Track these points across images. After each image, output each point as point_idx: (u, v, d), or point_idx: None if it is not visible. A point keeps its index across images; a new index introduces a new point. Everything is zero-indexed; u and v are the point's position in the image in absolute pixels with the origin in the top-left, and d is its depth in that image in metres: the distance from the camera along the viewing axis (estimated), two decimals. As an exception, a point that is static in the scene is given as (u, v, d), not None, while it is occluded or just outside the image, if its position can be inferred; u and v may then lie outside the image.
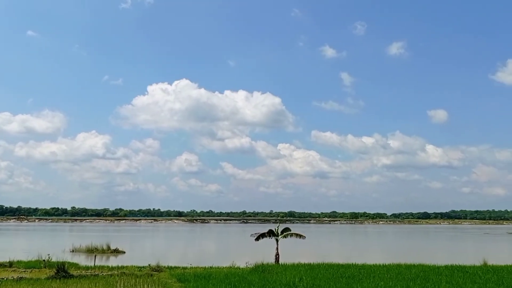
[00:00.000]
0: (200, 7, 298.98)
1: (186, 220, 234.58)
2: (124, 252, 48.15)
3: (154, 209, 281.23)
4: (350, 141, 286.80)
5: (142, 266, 29.22)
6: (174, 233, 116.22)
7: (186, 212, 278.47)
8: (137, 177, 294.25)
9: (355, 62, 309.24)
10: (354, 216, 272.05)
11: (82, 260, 37.70)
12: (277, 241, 32.78)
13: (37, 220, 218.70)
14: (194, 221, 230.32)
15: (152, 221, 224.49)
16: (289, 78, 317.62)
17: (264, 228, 36.64)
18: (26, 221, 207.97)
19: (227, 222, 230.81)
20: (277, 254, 31.95)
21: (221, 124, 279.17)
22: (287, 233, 33.13)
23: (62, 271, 23.31)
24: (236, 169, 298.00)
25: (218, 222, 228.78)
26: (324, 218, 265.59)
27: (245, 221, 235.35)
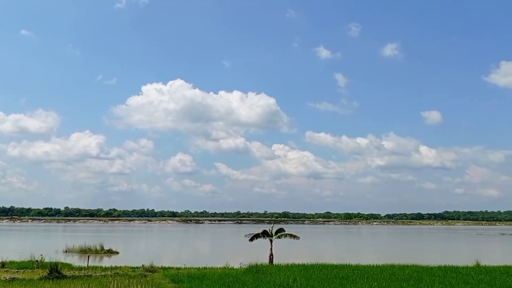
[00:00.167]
0: (195, 8, 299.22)
1: (180, 220, 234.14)
2: (117, 252, 47.97)
3: (148, 209, 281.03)
4: (344, 142, 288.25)
5: (136, 267, 29.13)
6: (168, 233, 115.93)
7: (180, 212, 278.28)
8: (131, 177, 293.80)
9: (350, 63, 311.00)
10: (348, 216, 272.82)
11: (75, 260, 37.53)
12: (271, 241, 32.80)
13: (30, 220, 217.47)
14: (188, 221, 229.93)
15: (146, 221, 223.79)
16: (283, 79, 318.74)
17: (258, 228, 36.65)
18: (19, 221, 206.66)
19: (221, 222, 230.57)
20: (271, 255, 31.97)
21: (215, 124, 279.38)
22: (281, 233, 33.16)
23: (55, 272, 23.20)
24: (230, 169, 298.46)
25: (212, 222, 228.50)
26: (318, 219, 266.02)
27: (239, 221, 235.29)
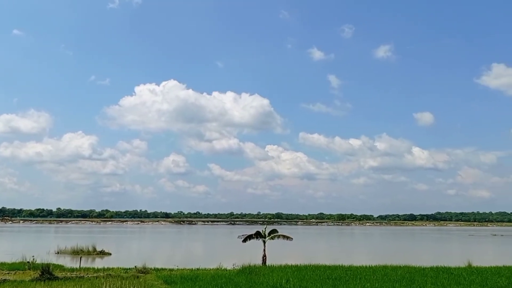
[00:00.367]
0: (188, 8, 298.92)
1: (173, 221, 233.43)
2: (110, 253, 47.72)
3: (141, 210, 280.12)
4: (337, 143, 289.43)
5: (128, 268, 28.99)
6: (161, 234, 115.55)
7: (173, 213, 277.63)
8: (124, 178, 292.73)
9: (343, 64, 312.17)
10: (341, 217, 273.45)
11: (67, 262, 37.27)
12: (264, 242, 32.80)
13: (21, 221, 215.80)
14: (181, 222, 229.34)
15: (138, 222, 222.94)
16: (277, 80, 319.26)
17: (251, 229, 36.65)
18: (10, 222, 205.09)
19: (215, 223, 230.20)
20: (264, 256, 31.97)
21: (209, 125, 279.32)
22: (275, 234, 33.17)
23: (46, 273, 23.04)
24: (223, 170, 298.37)
25: (206, 223, 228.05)
26: (311, 220, 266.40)
27: (232, 222, 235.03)
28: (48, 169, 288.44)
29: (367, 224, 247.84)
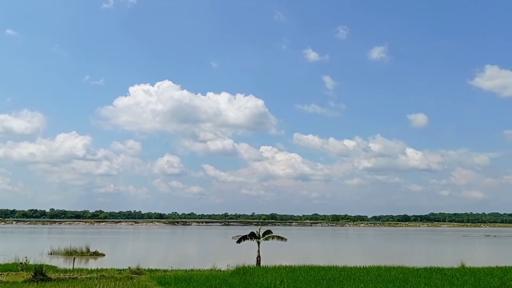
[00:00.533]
0: (183, 9, 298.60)
1: (167, 222, 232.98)
2: (103, 254, 47.55)
3: (135, 211, 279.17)
4: (331, 144, 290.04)
5: (122, 269, 28.91)
6: (155, 235, 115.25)
7: (167, 214, 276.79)
8: (118, 178, 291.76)
9: (337, 65, 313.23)
10: (336, 218, 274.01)
11: (60, 263, 37.08)
12: (258, 243, 32.80)
13: (14, 222, 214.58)
14: (176, 223, 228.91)
15: (132, 223, 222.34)
16: (272, 81, 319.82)
17: (245, 230, 36.64)
18: (3, 223, 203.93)
19: (209, 224, 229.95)
20: (258, 257, 31.97)
21: (203, 126, 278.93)
22: (269, 235, 33.18)
23: (39, 274, 22.91)
24: (218, 171, 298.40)
25: (200, 224, 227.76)
26: (305, 221, 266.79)
27: (227, 223, 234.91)
28: (41, 169, 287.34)
29: (361, 225, 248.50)
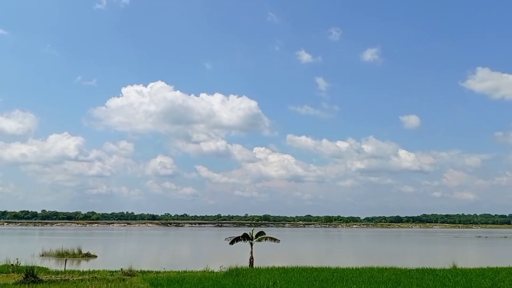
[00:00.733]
0: (176, 9, 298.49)
1: (160, 223, 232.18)
2: (95, 256, 47.32)
3: (127, 212, 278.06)
4: (324, 145, 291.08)
5: (114, 271, 28.80)
6: (148, 236, 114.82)
7: (160, 215, 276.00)
8: (110, 180, 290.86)
9: (330, 67, 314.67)
10: (328, 219, 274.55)
11: (52, 264, 36.85)
12: (251, 244, 32.80)
13: (5, 223, 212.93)
14: (168, 224, 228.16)
15: (125, 224, 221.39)
16: (265, 82, 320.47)
17: (238, 231, 36.62)
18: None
19: (202, 225, 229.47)
20: (251, 258, 31.97)
21: (196, 127, 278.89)
22: (262, 236, 33.19)
23: (31, 276, 22.74)
24: (211, 172, 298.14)
25: (193, 225, 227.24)
26: (298, 222, 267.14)
27: (220, 224, 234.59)
28: (33, 170, 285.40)
29: (354, 226, 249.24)
